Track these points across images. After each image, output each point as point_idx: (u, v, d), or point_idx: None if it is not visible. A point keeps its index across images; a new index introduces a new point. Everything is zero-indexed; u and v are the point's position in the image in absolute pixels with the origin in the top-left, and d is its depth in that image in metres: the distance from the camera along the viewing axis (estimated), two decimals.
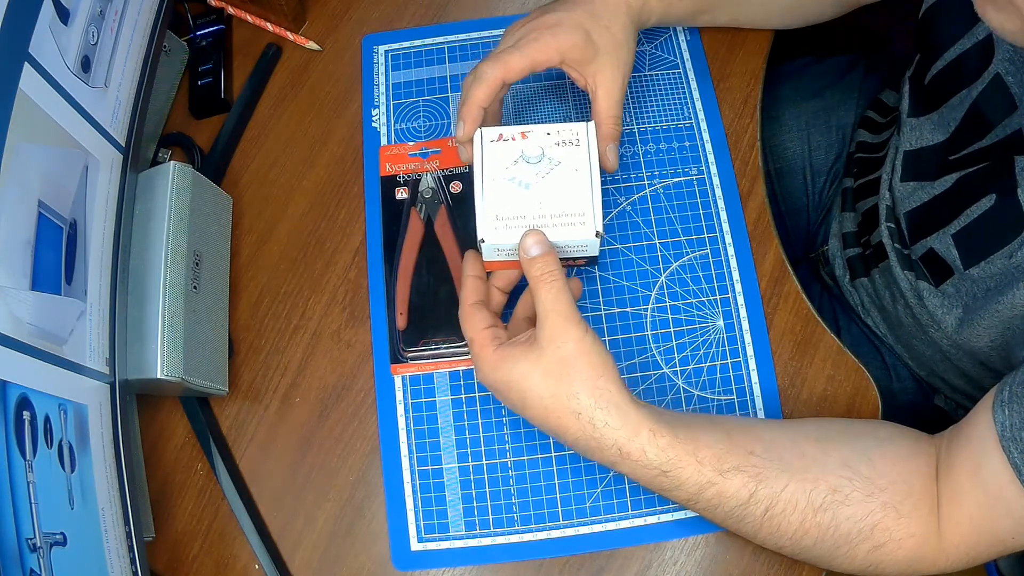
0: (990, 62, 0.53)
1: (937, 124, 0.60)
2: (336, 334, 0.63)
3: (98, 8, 0.53)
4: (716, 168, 0.66)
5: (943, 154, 0.59)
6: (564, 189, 0.53)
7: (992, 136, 0.54)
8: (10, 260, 0.43)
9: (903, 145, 0.63)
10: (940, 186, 0.59)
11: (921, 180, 0.61)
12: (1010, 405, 0.46)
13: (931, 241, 0.59)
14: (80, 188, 0.50)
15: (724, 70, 0.69)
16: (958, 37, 0.56)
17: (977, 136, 0.55)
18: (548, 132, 0.55)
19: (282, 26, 0.72)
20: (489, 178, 0.54)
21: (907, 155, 0.63)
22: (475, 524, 0.58)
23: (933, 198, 0.60)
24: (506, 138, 0.55)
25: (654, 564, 0.57)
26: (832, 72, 0.82)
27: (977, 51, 0.54)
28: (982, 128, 0.55)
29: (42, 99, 0.46)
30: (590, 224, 0.53)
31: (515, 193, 0.53)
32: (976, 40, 0.54)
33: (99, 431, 0.49)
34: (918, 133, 0.62)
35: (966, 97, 0.56)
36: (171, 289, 0.56)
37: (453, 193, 0.65)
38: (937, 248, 0.58)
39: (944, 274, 0.58)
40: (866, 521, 0.49)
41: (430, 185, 0.65)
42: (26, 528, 0.40)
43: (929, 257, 0.60)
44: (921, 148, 0.61)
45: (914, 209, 0.62)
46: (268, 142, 0.70)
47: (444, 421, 0.60)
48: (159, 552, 0.59)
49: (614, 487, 0.58)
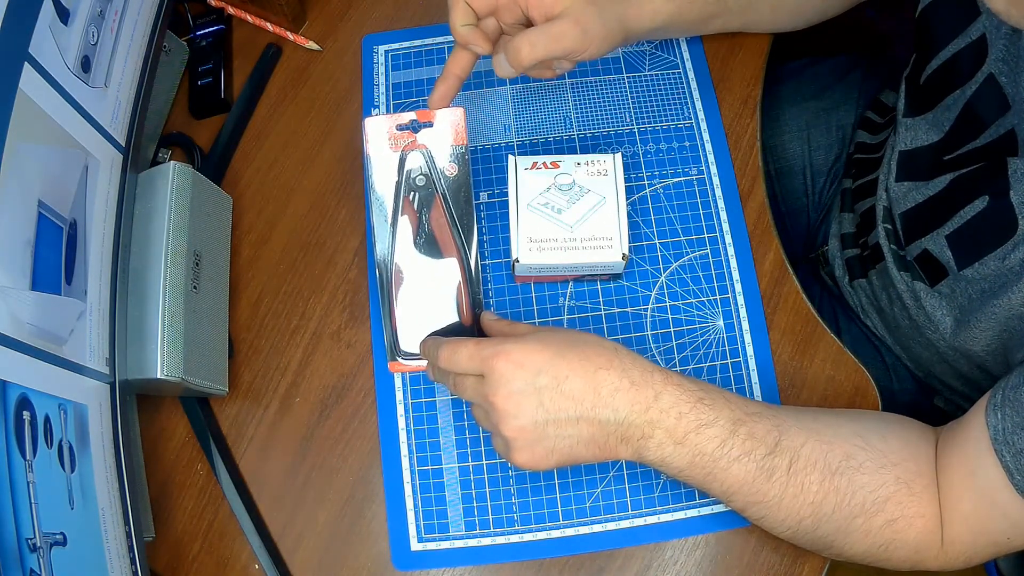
0: (983, 62, 0.53)
1: (932, 124, 0.60)
2: (336, 334, 0.63)
3: (98, 8, 0.53)
4: (716, 168, 0.66)
5: (937, 154, 0.59)
6: (593, 215, 0.58)
7: (986, 136, 0.54)
8: (10, 260, 0.43)
9: (898, 145, 0.63)
10: (934, 187, 0.59)
11: (915, 180, 0.61)
12: (1003, 409, 0.47)
13: (925, 242, 0.59)
14: (80, 188, 0.50)
15: (724, 70, 0.69)
16: (953, 36, 0.56)
17: (971, 136, 0.55)
18: (579, 162, 0.59)
19: (282, 26, 0.72)
20: (524, 204, 0.58)
21: (902, 155, 0.63)
22: (475, 524, 0.58)
23: (927, 199, 0.60)
24: (539, 166, 0.59)
25: (654, 564, 0.57)
26: (832, 73, 0.82)
27: (971, 50, 0.54)
28: (976, 128, 0.55)
29: (42, 99, 0.46)
30: (617, 248, 0.57)
31: (547, 218, 0.58)
32: (970, 40, 0.54)
33: (99, 431, 0.49)
34: (913, 133, 0.62)
35: (960, 97, 0.56)
36: (171, 289, 0.56)
37: (448, 176, 0.59)
38: (931, 249, 0.59)
39: (939, 275, 0.58)
40: (880, 492, 0.49)
41: (423, 172, 0.59)
42: (26, 528, 0.40)
43: (923, 258, 0.60)
44: (916, 148, 0.61)
45: (909, 210, 0.62)
46: (268, 142, 0.70)
47: (444, 421, 0.60)
48: (159, 552, 0.59)
49: (614, 487, 0.58)
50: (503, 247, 0.64)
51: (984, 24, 0.53)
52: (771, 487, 0.49)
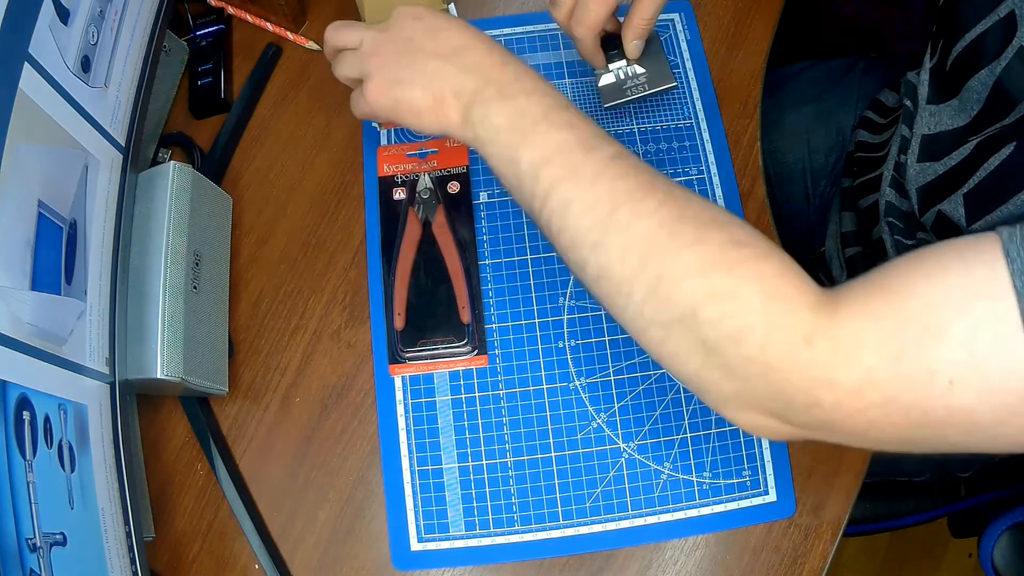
0: (1012, 37, 0.52)
1: (958, 110, 0.58)
2: (336, 334, 0.63)
3: (98, 8, 0.53)
4: (716, 168, 0.66)
5: (963, 135, 0.58)
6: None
7: (1015, 113, 0.52)
8: (10, 260, 0.43)
9: (921, 129, 0.62)
10: (958, 155, 0.56)
11: (937, 160, 0.60)
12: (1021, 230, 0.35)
13: (941, 205, 0.55)
14: (80, 188, 0.50)
15: (724, 70, 0.69)
16: (980, 17, 0.55)
17: (1001, 115, 0.53)
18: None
19: (282, 26, 0.72)
20: None
21: (925, 139, 0.61)
22: (475, 524, 0.58)
23: (948, 168, 0.58)
24: None
25: (654, 564, 0.57)
26: (830, 75, 0.82)
27: (1000, 28, 0.52)
28: (1007, 106, 0.52)
29: (42, 99, 0.46)
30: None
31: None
32: (998, 18, 0.53)
33: (99, 431, 0.49)
34: (937, 118, 0.60)
35: (989, 76, 0.54)
36: (171, 289, 0.56)
37: (451, 194, 0.65)
38: (946, 210, 0.55)
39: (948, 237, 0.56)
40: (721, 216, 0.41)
41: (428, 186, 0.65)
42: (26, 528, 0.40)
43: (938, 223, 0.56)
44: (940, 132, 0.60)
45: (927, 183, 0.60)
46: (268, 142, 0.70)
47: (444, 421, 0.60)
48: (159, 552, 0.59)
49: (614, 487, 0.58)
50: (503, 247, 0.64)
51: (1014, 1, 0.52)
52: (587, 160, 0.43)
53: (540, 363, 0.61)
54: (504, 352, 0.62)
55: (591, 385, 0.61)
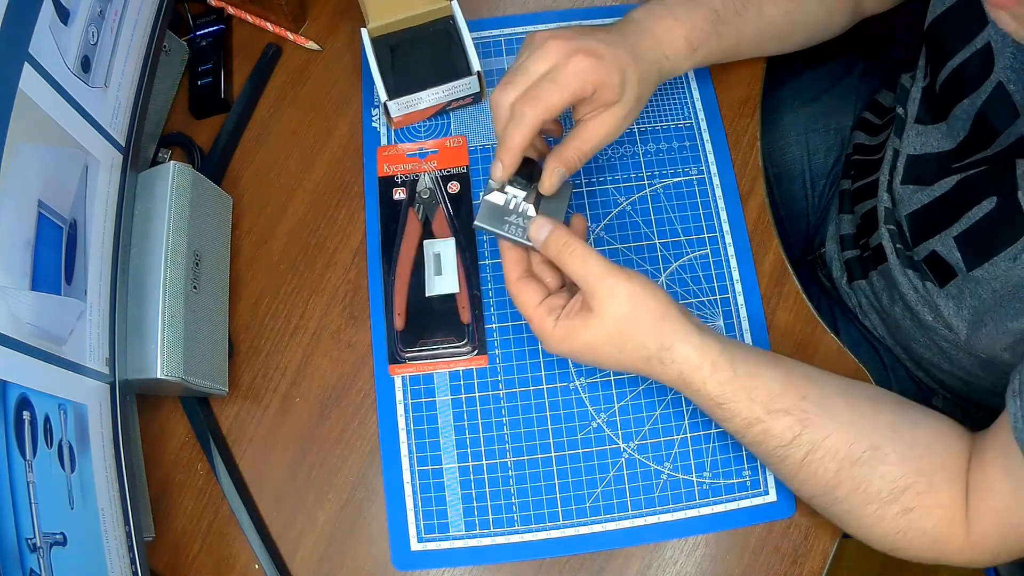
0: (991, 71, 0.53)
1: (945, 134, 0.60)
2: (336, 334, 0.63)
3: (98, 8, 0.53)
4: (716, 168, 0.66)
5: (947, 161, 0.59)
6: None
7: (996, 145, 0.54)
8: (10, 260, 0.43)
9: (906, 148, 0.63)
10: (940, 188, 0.59)
11: (921, 184, 0.61)
12: (1020, 396, 0.46)
13: (933, 243, 0.59)
14: (80, 188, 0.50)
15: (724, 70, 0.69)
16: (962, 46, 0.56)
17: (984, 145, 0.55)
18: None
19: (282, 26, 0.72)
20: None
21: (910, 159, 0.63)
22: (475, 524, 0.58)
23: (933, 200, 0.60)
24: None
25: (654, 564, 0.57)
26: (830, 76, 0.82)
27: (978, 59, 0.54)
28: (989, 137, 0.55)
29: (42, 99, 0.46)
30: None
31: None
32: (976, 48, 0.54)
33: (99, 431, 0.49)
34: (924, 139, 0.62)
35: (971, 106, 0.56)
36: (171, 289, 0.56)
37: (451, 193, 0.65)
38: (940, 250, 0.58)
39: (948, 276, 0.58)
40: (899, 483, 0.49)
41: (428, 186, 0.65)
42: (26, 528, 0.40)
43: (932, 260, 0.60)
44: (925, 154, 0.61)
45: (915, 211, 0.62)
46: (268, 142, 0.70)
47: (444, 421, 0.60)
48: (159, 552, 0.59)
49: (614, 487, 0.58)
50: None
51: (990, 33, 0.53)
52: (783, 467, 0.52)
53: (540, 363, 0.61)
54: (504, 352, 0.62)
55: (591, 385, 0.61)
